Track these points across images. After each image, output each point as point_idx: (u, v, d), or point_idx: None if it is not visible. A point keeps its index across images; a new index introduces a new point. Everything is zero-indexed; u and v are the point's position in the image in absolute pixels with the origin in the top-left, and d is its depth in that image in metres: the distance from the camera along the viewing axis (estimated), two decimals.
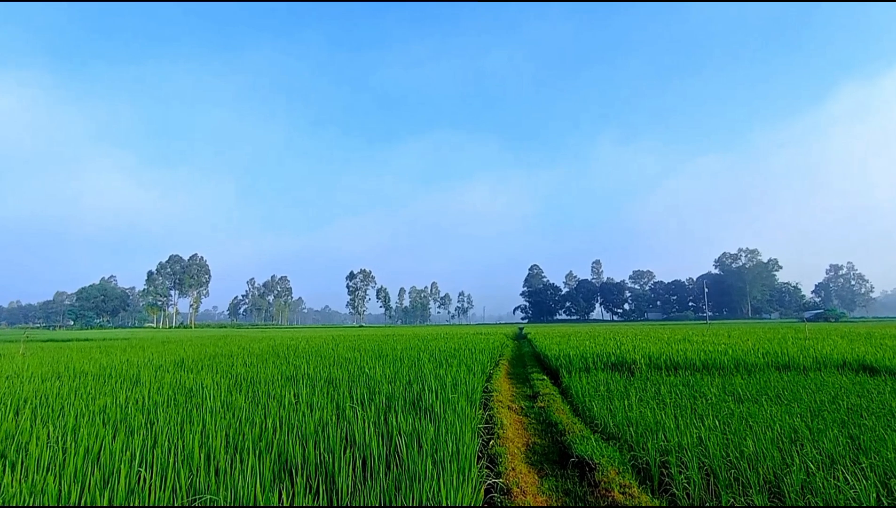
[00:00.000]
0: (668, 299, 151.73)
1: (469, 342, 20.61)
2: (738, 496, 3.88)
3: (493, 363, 14.74)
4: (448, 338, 24.89)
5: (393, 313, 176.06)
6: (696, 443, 5.03)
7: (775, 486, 3.97)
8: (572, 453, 5.41)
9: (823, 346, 14.76)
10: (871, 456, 4.46)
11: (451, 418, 5.48)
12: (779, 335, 21.90)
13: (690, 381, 9.50)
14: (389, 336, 30.49)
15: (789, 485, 3.85)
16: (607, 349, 14.10)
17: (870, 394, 7.64)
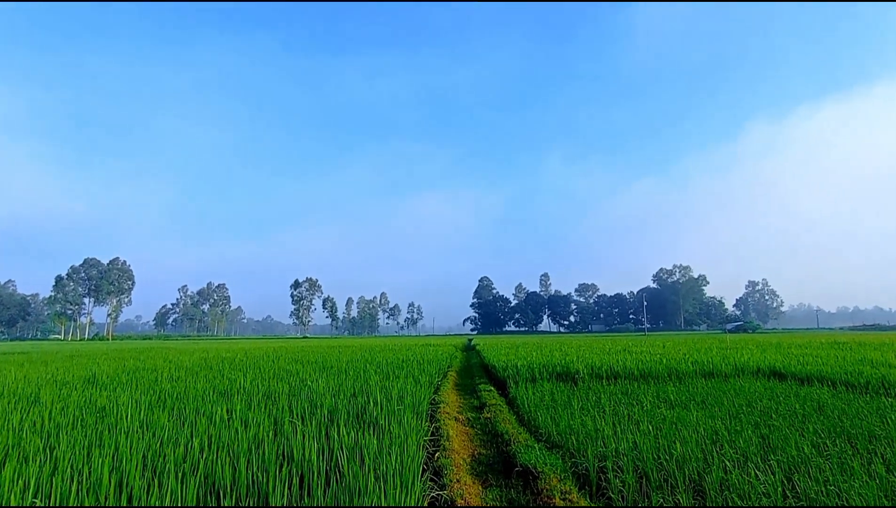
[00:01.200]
0: (611, 312, 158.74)
1: (417, 353, 20.53)
2: (666, 495, 4.14)
3: (441, 375, 14.76)
4: (396, 349, 24.67)
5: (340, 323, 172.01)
6: (632, 448, 5.31)
7: (698, 484, 4.28)
8: (517, 462, 5.53)
9: (741, 355, 16.05)
10: (778, 453, 4.91)
11: (396, 430, 5.45)
12: (705, 345, 23.53)
13: (628, 389, 10.00)
14: (335, 348, 29.75)
15: (709, 483, 4.16)
16: (553, 360, 14.53)
17: (778, 398, 8.39)
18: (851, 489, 3.82)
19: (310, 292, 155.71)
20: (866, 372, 10.92)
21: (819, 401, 7.97)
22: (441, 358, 17.64)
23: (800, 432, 5.82)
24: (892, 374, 10.49)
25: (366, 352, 22.49)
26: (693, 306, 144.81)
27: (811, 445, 5.22)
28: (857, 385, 9.90)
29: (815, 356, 15.58)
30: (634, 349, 21.16)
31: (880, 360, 14.03)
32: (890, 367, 12.22)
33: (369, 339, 73.68)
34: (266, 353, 23.37)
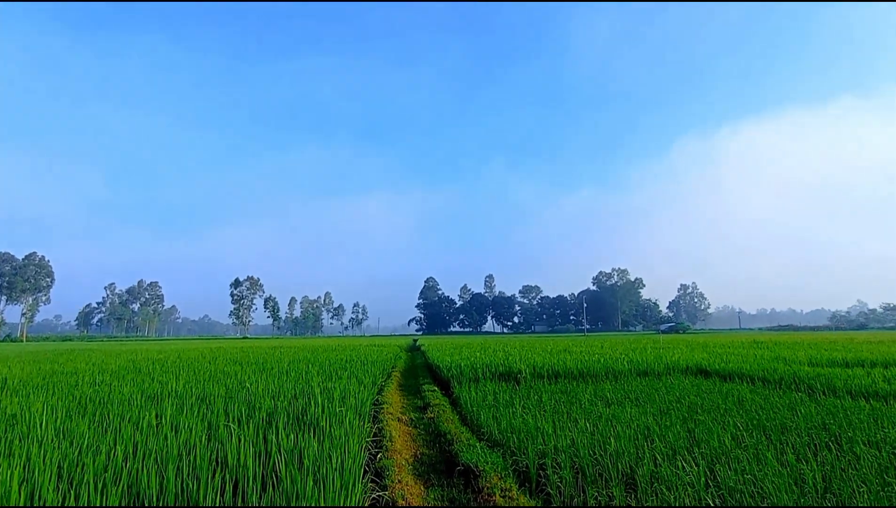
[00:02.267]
0: (553, 313, 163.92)
1: (361, 353, 20.21)
2: (601, 489, 4.28)
3: (386, 375, 14.59)
4: (340, 350, 24.15)
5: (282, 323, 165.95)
6: (570, 445, 5.46)
7: (630, 477, 4.47)
8: (459, 461, 5.55)
9: (673, 354, 17.07)
10: (702, 446, 5.23)
11: (337, 432, 5.30)
12: (640, 345, 24.84)
13: (568, 388, 10.33)
14: (276, 348, 28.66)
15: (641, 475, 4.35)
16: (496, 360, 14.76)
17: (704, 394, 8.98)
18: (766, 477, 4.13)
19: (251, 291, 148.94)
20: (780, 369, 11.92)
21: (739, 396, 8.60)
22: (385, 359, 17.45)
23: (722, 426, 6.24)
24: (801, 370, 11.51)
25: (308, 353, 21.83)
26: (630, 308, 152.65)
27: (731, 437, 5.61)
28: (773, 381, 10.79)
29: (736, 355, 16.85)
30: (574, 349, 21.96)
31: (792, 358, 15.40)
32: (800, 364, 13.44)
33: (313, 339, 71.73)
34: (202, 354, 22.13)
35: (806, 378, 10.45)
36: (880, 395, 8.53)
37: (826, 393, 9.06)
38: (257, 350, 25.76)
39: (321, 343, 39.32)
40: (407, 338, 71.64)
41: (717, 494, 3.91)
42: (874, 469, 4.37)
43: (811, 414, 6.84)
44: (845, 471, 4.35)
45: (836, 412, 7.00)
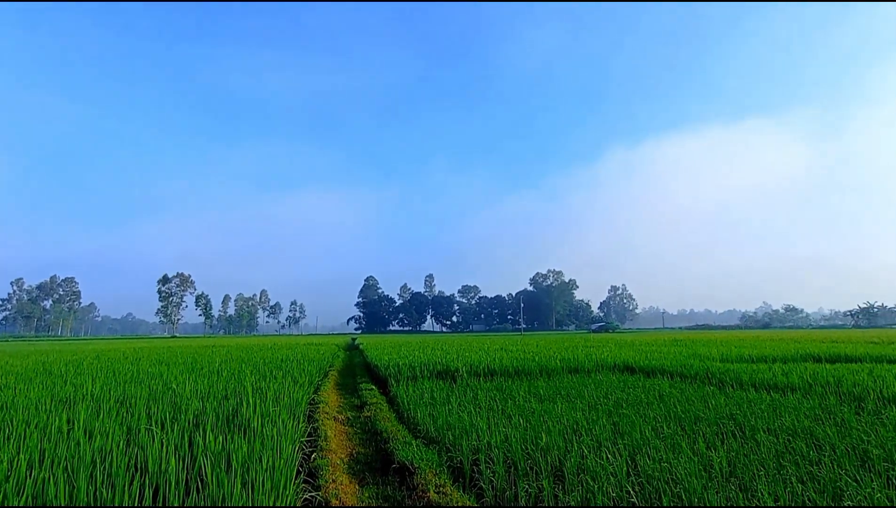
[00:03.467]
0: (491, 313, 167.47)
1: (298, 352, 19.60)
2: (531, 481, 4.44)
3: (323, 374, 14.26)
4: (276, 349, 23.26)
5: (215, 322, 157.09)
6: (504, 440, 5.61)
7: (559, 469, 4.67)
8: (394, 459, 5.54)
9: (602, 352, 18.02)
10: (625, 438, 5.58)
11: (269, 433, 5.10)
12: (573, 344, 25.97)
13: (503, 386, 10.60)
14: (208, 347, 27.10)
15: (569, 467, 4.56)
16: (434, 359, 14.84)
17: (629, 389, 9.57)
18: (679, 464, 4.47)
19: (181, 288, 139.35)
20: (696, 365, 12.94)
21: (660, 391, 9.22)
22: (323, 358, 17.05)
23: (643, 418, 6.68)
24: (714, 366, 12.56)
25: (242, 352, 20.85)
26: (564, 308, 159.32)
27: (651, 429, 6.02)
28: (689, 376, 11.69)
29: (659, 352, 18.07)
30: (511, 347, 22.57)
31: (706, 354, 16.76)
32: (713, 360, 14.65)
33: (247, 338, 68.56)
34: (124, 355, 20.48)
35: (717, 373, 11.40)
36: (779, 387, 9.49)
37: (734, 386, 9.93)
38: (187, 350, 24.23)
39: (256, 342, 37.66)
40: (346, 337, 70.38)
41: (636, 482, 4.18)
42: (772, 453, 4.86)
43: (721, 406, 7.48)
44: (748, 456, 4.80)
45: (741, 403, 7.70)
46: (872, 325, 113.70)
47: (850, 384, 9.07)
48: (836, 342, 24.95)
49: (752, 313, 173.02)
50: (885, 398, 7.80)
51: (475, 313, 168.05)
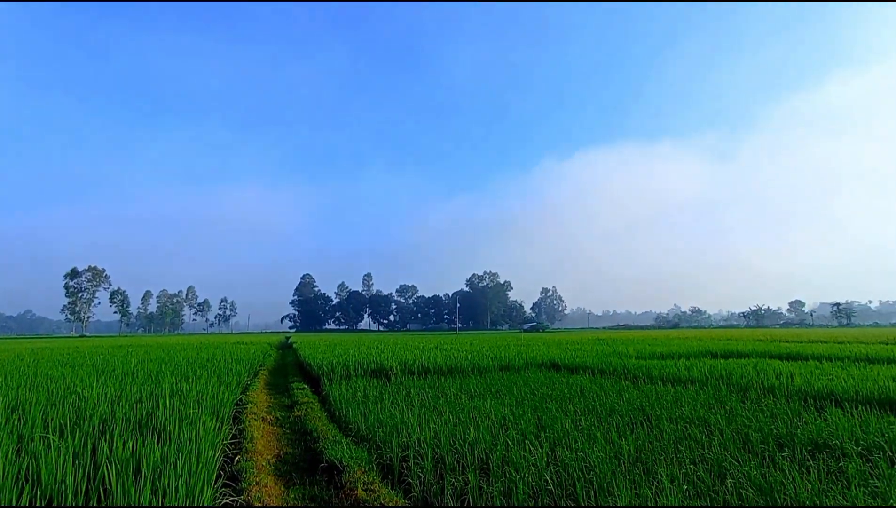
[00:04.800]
0: (428, 312, 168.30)
1: (227, 352, 18.64)
2: (458, 475, 4.58)
3: (252, 374, 13.69)
4: (202, 348, 21.93)
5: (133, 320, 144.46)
6: (433, 436, 5.72)
7: (485, 462, 4.86)
8: (323, 458, 5.47)
9: (531, 351, 18.79)
10: (548, 431, 5.90)
11: (188, 436, 4.85)
12: (505, 343, 26.81)
13: (436, 383, 10.74)
14: (122, 348, 24.96)
15: (494, 460, 4.76)
16: (369, 358, 14.76)
17: (554, 385, 10.07)
18: (593, 453, 4.82)
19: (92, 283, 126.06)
20: (614, 362, 13.85)
21: (581, 387, 9.78)
22: (253, 357, 16.35)
23: (565, 412, 7.08)
24: (630, 363, 13.53)
25: (163, 352, 19.45)
26: (499, 309, 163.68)
27: (571, 422, 6.40)
28: (608, 372, 12.51)
29: (583, 351, 19.12)
30: (445, 346, 22.88)
31: (624, 352, 17.97)
32: (630, 357, 15.75)
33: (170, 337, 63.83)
34: (20, 356, 18.33)
35: (632, 369, 12.30)
36: (682, 380, 10.41)
37: (646, 381, 10.77)
38: (97, 351, 22.13)
39: (180, 341, 35.20)
40: (279, 335, 67.73)
41: (554, 471, 4.45)
42: (672, 439, 5.37)
43: (633, 399, 8.10)
44: (652, 443, 5.27)
45: (651, 395, 8.39)
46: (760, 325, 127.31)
47: (738, 376, 10.17)
48: (730, 340, 27.75)
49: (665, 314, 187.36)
50: (765, 389, 8.85)
51: (412, 313, 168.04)
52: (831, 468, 4.34)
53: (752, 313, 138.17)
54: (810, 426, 5.75)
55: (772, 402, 7.49)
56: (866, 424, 5.79)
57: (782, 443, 5.17)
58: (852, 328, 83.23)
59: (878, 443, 5.02)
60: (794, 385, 8.89)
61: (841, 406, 7.22)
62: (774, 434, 5.44)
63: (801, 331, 52.03)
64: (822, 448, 5.00)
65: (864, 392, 7.96)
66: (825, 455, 4.78)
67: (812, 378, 9.59)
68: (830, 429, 5.53)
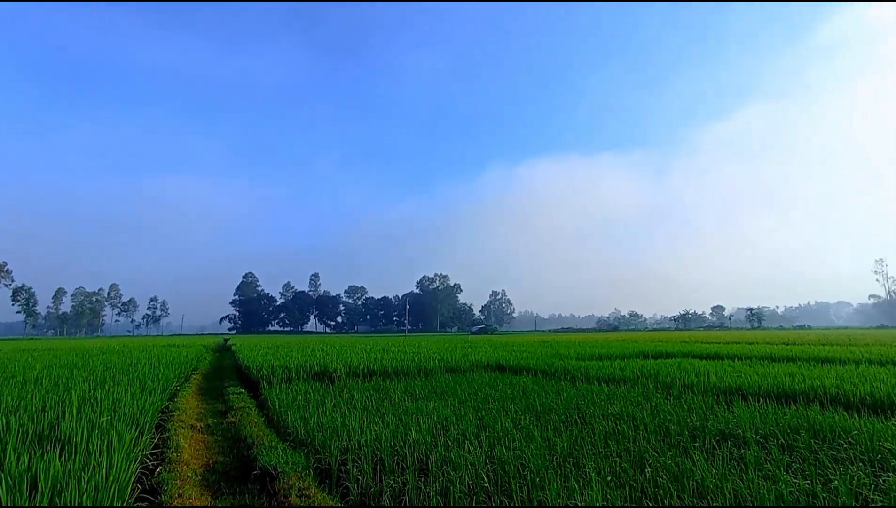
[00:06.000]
0: (377, 314, 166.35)
1: (154, 355, 17.49)
2: (397, 476, 4.57)
3: (183, 379, 12.95)
4: (125, 352, 20.43)
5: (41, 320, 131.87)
6: (374, 439, 5.68)
7: (424, 463, 4.89)
8: (256, 465, 5.28)
9: (478, 353, 19.07)
10: (488, 430, 6.02)
11: (98, 447, 4.51)
12: (452, 345, 27.02)
13: (381, 386, 10.67)
14: (26, 352, 22.75)
15: (433, 461, 4.80)
16: (313, 360, 14.40)
17: (497, 386, 10.28)
18: (530, 450, 4.97)
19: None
20: (556, 363, 14.34)
21: (524, 387, 10.05)
22: (185, 360, 15.46)
23: (506, 412, 7.24)
24: (570, 364, 14.05)
25: (77, 356, 17.93)
26: (448, 311, 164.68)
27: (511, 421, 6.56)
28: (550, 373, 12.92)
29: (528, 353, 19.63)
30: (392, 348, 22.74)
31: (566, 353, 18.65)
32: (571, 359, 16.34)
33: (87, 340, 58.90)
34: None
35: (572, 370, 12.79)
36: (616, 380, 10.97)
37: (583, 381, 11.24)
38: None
39: (98, 344, 32.58)
40: (217, 337, 64.58)
41: (492, 469, 4.55)
42: (602, 435, 5.64)
43: (570, 397, 8.42)
44: (584, 439, 5.51)
45: (587, 394, 8.75)
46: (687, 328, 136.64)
47: (664, 375, 10.87)
48: (660, 341, 29.59)
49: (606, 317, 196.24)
50: (686, 385, 9.53)
51: (361, 314, 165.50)
52: (734, 454, 4.75)
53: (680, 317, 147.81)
54: (720, 418, 6.28)
55: (690, 397, 8.08)
56: (765, 415, 6.39)
57: (696, 434, 5.59)
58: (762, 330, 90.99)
59: (773, 431, 5.55)
60: (710, 382, 9.63)
61: (746, 400, 7.93)
62: (690, 426, 5.87)
63: (720, 333, 56.35)
64: (727, 438, 5.45)
65: (765, 387, 8.81)
66: (730, 443, 5.22)
67: (725, 376, 10.43)
68: (736, 420, 6.06)
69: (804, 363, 13.63)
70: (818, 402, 7.62)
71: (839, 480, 3.82)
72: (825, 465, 4.39)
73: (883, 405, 7.38)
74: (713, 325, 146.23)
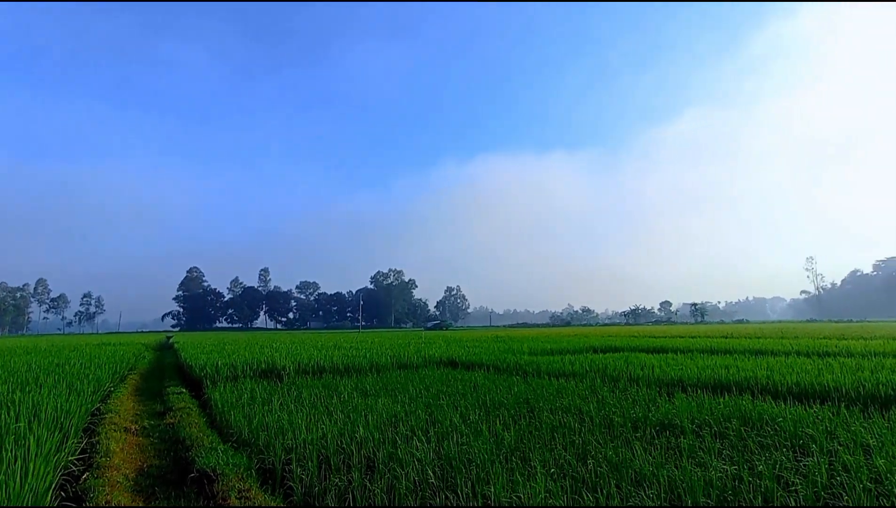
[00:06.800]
0: (330, 310, 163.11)
1: (86, 354, 16.35)
2: (342, 474, 4.49)
3: (119, 379, 12.19)
4: (52, 351, 18.94)
5: None
6: (321, 437, 5.56)
7: (371, 460, 4.83)
8: (193, 468, 5.03)
9: (431, 348, 19.09)
10: (437, 426, 6.02)
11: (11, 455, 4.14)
12: (406, 341, 26.94)
13: (331, 383, 10.46)
14: None
15: (380, 458, 4.75)
16: (261, 357, 13.94)
17: (449, 381, 10.32)
18: (477, 445, 5.02)
19: None
20: (508, 358, 14.54)
21: (475, 382, 10.14)
22: (121, 360, 14.54)
23: (456, 407, 7.28)
24: (522, 359, 14.29)
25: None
26: (403, 307, 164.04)
27: (460, 417, 6.59)
28: (502, 368, 13.11)
29: (481, 348, 19.84)
30: (345, 344, 22.38)
31: (518, 349, 18.97)
32: (523, 354, 16.65)
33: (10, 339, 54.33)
34: None
35: (524, 365, 13.04)
36: (566, 374, 11.30)
37: (534, 375, 11.46)
38: None
39: (22, 344, 30.06)
40: (159, 335, 61.30)
41: (438, 464, 4.56)
42: (549, 428, 5.78)
43: (521, 392, 8.57)
44: (532, 433, 5.63)
45: (537, 389, 8.96)
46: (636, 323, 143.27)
47: (612, 369, 11.30)
48: (610, 336, 30.79)
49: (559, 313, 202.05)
50: (632, 379, 9.94)
51: (313, 310, 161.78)
52: (671, 443, 5.00)
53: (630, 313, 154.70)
54: (661, 409, 6.58)
55: (635, 390, 8.42)
56: (701, 405, 6.76)
57: (638, 425, 5.84)
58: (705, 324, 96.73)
59: (707, 421, 5.89)
60: (654, 375, 10.10)
61: (686, 391, 8.36)
62: (633, 418, 6.13)
63: (667, 328, 59.43)
64: (667, 428, 5.74)
65: (704, 379, 9.34)
66: (668, 433, 5.50)
67: (668, 369, 10.96)
68: (675, 411, 6.37)
69: (740, 356, 14.52)
70: (750, 392, 8.15)
71: (763, 465, 4.10)
72: (752, 451, 4.70)
73: (807, 394, 7.96)
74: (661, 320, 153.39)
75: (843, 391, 7.79)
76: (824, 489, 3.74)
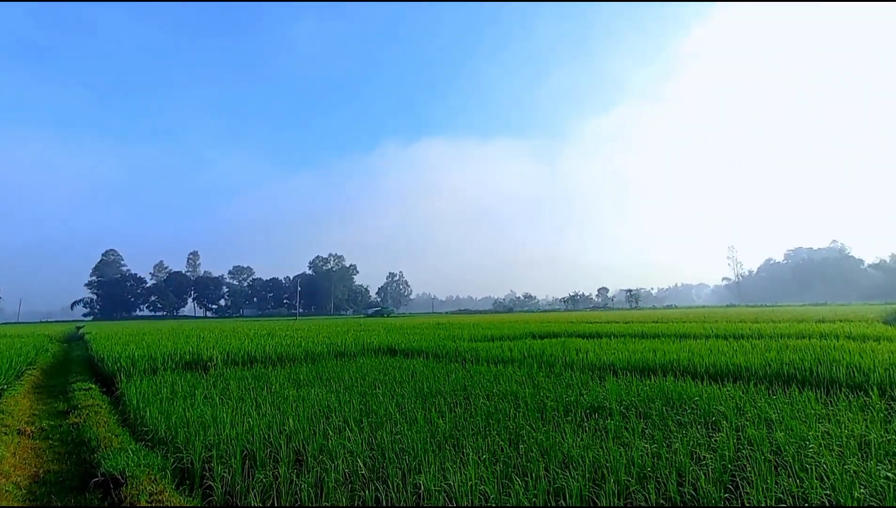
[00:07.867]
0: (266, 296, 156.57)
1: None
2: (269, 469, 4.26)
3: (14, 375, 10.92)
4: None
5: None
6: (246, 431, 5.25)
7: (300, 453, 4.62)
8: (98, 472, 4.56)
9: (370, 336, 18.79)
10: (372, 416, 5.89)
11: None
12: (345, 328, 26.39)
13: (262, 373, 9.99)
14: None
15: (310, 451, 4.55)
16: (185, 348, 13.06)
17: (387, 370, 10.17)
18: (411, 434, 4.95)
19: None
20: (448, 345, 14.57)
21: (413, 370, 10.06)
22: (17, 354, 13.04)
23: (392, 396, 7.16)
24: (462, 346, 14.39)
25: None
26: (343, 293, 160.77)
27: (396, 405, 6.49)
28: (442, 355, 13.12)
29: (421, 335, 19.75)
30: (280, 332, 21.56)
31: (459, 335, 19.10)
32: (463, 340, 16.76)
33: None
34: None
35: (463, 352, 13.12)
36: (504, 360, 11.51)
37: (473, 362, 11.59)
38: None
39: None
40: (68, 325, 56.03)
41: (370, 455, 4.44)
42: (484, 414, 5.81)
43: (458, 379, 8.59)
44: (467, 420, 5.63)
45: (475, 375, 9.02)
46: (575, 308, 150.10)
47: (548, 354, 11.63)
48: (549, 322, 31.91)
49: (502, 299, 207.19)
50: (567, 364, 10.30)
51: (248, 297, 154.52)
52: (599, 425, 5.19)
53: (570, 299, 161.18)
54: (592, 392, 6.84)
55: (570, 375, 8.71)
56: (629, 388, 7.12)
57: (569, 409, 6.03)
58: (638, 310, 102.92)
59: (633, 402, 6.20)
60: (588, 360, 10.50)
61: (616, 375, 8.78)
62: (565, 402, 6.32)
63: (603, 313, 62.51)
64: (596, 410, 5.97)
65: (633, 362, 9.83)
66: (597, 415, 5.72)
67: (601, 353, 11.45)
68: (605, 394, 6.65)
69: (667, 339, 15.43)
70: (673, 374, 8.69)
71: (680, 442, 4.35)
72: (671, 430, 4.99)
73: (722, 374, 8.60)
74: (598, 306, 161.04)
75: (753, 370, 8.50)
76: (731, 461, 4.03)
